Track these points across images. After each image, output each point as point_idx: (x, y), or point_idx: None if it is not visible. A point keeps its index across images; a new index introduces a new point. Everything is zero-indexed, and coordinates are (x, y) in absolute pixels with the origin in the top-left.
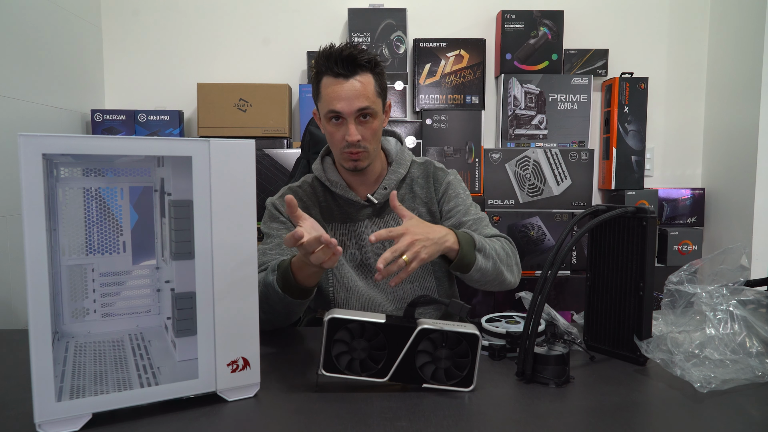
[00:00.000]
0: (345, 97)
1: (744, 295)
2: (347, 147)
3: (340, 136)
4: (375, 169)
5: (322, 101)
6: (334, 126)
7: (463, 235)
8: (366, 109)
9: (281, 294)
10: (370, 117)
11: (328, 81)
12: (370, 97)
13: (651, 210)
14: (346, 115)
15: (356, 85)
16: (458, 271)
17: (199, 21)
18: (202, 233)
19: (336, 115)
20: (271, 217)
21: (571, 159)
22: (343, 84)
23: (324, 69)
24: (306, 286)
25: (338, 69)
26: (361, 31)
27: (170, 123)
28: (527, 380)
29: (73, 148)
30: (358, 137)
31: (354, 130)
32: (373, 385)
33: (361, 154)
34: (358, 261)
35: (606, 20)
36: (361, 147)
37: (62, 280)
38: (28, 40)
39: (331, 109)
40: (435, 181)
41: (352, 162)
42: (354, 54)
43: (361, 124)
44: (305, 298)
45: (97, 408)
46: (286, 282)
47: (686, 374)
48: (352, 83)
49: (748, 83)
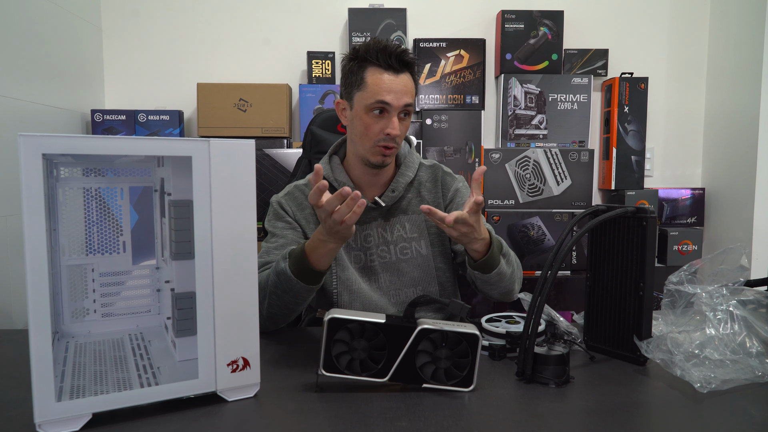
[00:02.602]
0: (396, 90)
1: (744, 295)
2: (384, 140)
3: (378, 128)
4: (387, 171)
5: (367, 91)
6: (374, 117)
7: (496, 239)
8: (409, 106)
9: (294, 280)
10: (408, 115)
11: (377, 72)
12: (412, 95)
13: (651, 210)
14: (394, 109)
15: (406, 81)
16: (479, 270)
17: (199, 21)
18: (202, 233)
19: (382, 107)
20: (276, 216)
21: (571, 159)
22: (394, 77)
23: (375, 59)
24: (320, 268)
25: (392, 62)
26: (361, 31)
27: (170, 123)
28: (527, 380)
29: (73, 148)
30: (399, 132)
31: (397, 124)
32: (373, 385)
33: (392, 151)
34: (362, 263)
35: (606, 20)
36: (395, 143)
37: (62, 280)
38: (28, 40)
39: (381, 99)
40: (443, 186)
41: (382, 157)
42: (406, 50)
43: (400, 120)
44: (316, 284)
45: (97, 408)
46: (299, 266)
47: (686, 374)
48: (402, 79)
49: (748, 83)
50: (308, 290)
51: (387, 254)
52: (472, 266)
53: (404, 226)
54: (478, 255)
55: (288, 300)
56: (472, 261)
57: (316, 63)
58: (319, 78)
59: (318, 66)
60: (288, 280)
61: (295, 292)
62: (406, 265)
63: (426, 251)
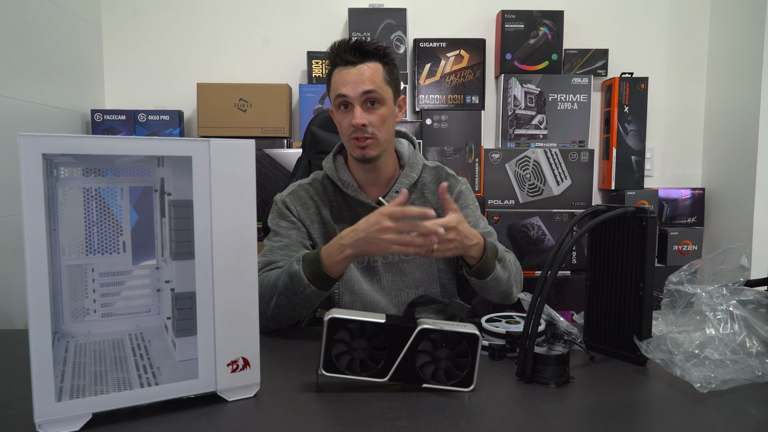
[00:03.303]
0: (351, 81)
1: (744, 295)
2: (354, 132)
3: (347, 122)
4: (387, 171)
5: (332, 89)
6: (342, 114)
7: (490, 244)
8: (371, 92)
9: (306, 283)
10: (378, 103)
11: (338, 70)
12: (376, 82)
13: (651, 210)
14: (352, 99)
15: (363, 70)
16: (475, 276)
17: (199, 21)
18: (202, 233)
19: (344, 101)
20: (280, 215)
21: (571, 159)
22: (350, 69)
23: (334, 59)
24: (333, 274)
25: (347, 56)
26: (361, 31)
27: (170, 123)
28: (527, 380)
29: (73, 148)
30: (364, 121)
31: (360, 113)
32: (373, 385)
33: (369, 142)
34: (364, 263)
35: (606, 20)
36: (368, 133)
37: (62, 280)
38: (28, 40)
39: (338, 93)
40: (447, 188)
41: (359, 150)
42: (361, 42)
43: (368, 110)
44: (328, 290)
45: (97, 408)
46: (314, 271)
47: (686, 374)
48: (359, 68)
49: (748, 83)
50: (319, 295)
51: (390, 255)
52: (467, 273)
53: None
54: (474, 261)
55: (297, 303)
56: (468, 267)
57: (316, 63)
58: (319, 78)
59: (318, 66)
60: (300, 283)
61: (305, 296)
62: (409, 266)
63: None
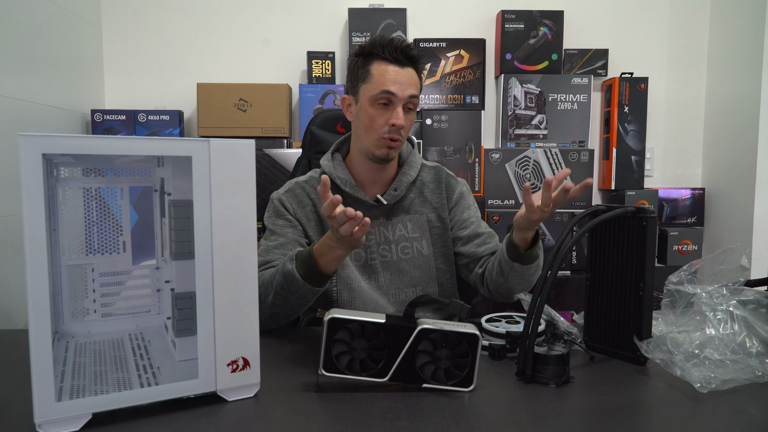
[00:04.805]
0: (402, 81)
1: (744, 295)
2: (389, 132)
3: (383, 120)
4: (390, 169)
5: (372, 82)
6: (379, 109)
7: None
8: (415, 98)
9: (301, 281)
10: (413, 109)
11: (383, 64)
12: (418, 88)
13: (651, 210)
14: (398, 100)
15: (411, 74)
16: (520, 261)
17: (199, 21)
18: (202, 233)
19: (387, 98)
20: (276, 213)
21: (571, 159)
22: (399, 70)
23: (380, 53)
24: (328, 272)
25: (398, 55)
26: (361, 31)
27: (170, 123)
28: (527, 380)
29: (73, 148)
30: (404, 122)
31: (402, 115)
32: (373, 385)
33: (398, 143)
34: (362, 261)
35: (606, 20)
36: (400, 135)
37: (62, 280)
38: (29, 40)
39: (386, 89)
40: (447, 188)
41: (386, 149)
42: (410, 45)
43: (405, 113)
44: (323, 286)
45: (97, 408)
46: (308, 269)
47: (686, 374)
48: (408, 71)
49: (748, 83)
50: (314, 292)
51: (388, 253)
52: (514, 257)
53: (406, 226)
54: (525, 244)
55: (293, 301)
56: (518, 251)
57: (316, 63)
58: (319, 78)
59: (318, 66)
60: (295, 282)
61: (301, 294)
62: (407, 265)
63: (427, 251)
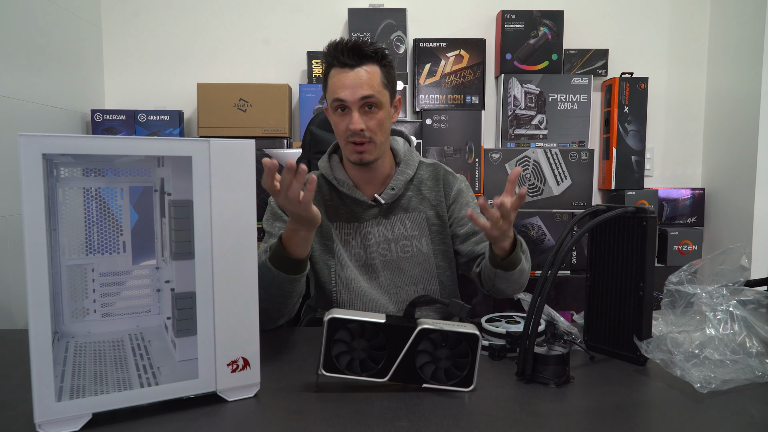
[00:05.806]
0: (349, 85)
1: (744, 295)
2: (351, 136)
3: (344, 126)
4: (383, 169)
5: (328, 92)
6: (339, 116)
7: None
8: (370, 97)
9: (275, 271)
10: (375, 107)
11: (335, 72)
12: (375, 86)
13: (651, 210)
14: (350, 104)
15: (362, 74)
16: (503, 268)
17: (199, 21)
18: (202, 233)
19: (341, 105)
20: (273, 216)
21: (571, 159)
22: (348, 73)
23: (332, 60)
24: (298, 257)
25: (344, 59)
26: (361, 31)
27: (170, 123)
28: (527, 380)
29: (73, 148)
30: (362, 126)
31: (357, 118)
32: (373, 385)
33: (366, 146)
34: (362, 261)
35: (606, 20)
36: (366, 137)
37: (62, 280)
38: (28, 40)
39: (336, 97)
40: (445, 185)
41: (357, 154)
42: (359, 44)
43: (365, 114)
44: (298, 273)
45: (97, 408)
46: (278, 257)
47: (686, 374)
48: (357, 72)
49: (748, 83)
50: (290, 280)
51: (388, 252)
52: (495, 265)
53: (405, 224)
54: (504, 253)
55: (274, 293)
56: (497, 260)
57: (316, 63)
58: (319, 78)
59: (318, 66)
60: (269, 272)
61: (278, 284)
62: (407, 263)
63: (427, 249)
